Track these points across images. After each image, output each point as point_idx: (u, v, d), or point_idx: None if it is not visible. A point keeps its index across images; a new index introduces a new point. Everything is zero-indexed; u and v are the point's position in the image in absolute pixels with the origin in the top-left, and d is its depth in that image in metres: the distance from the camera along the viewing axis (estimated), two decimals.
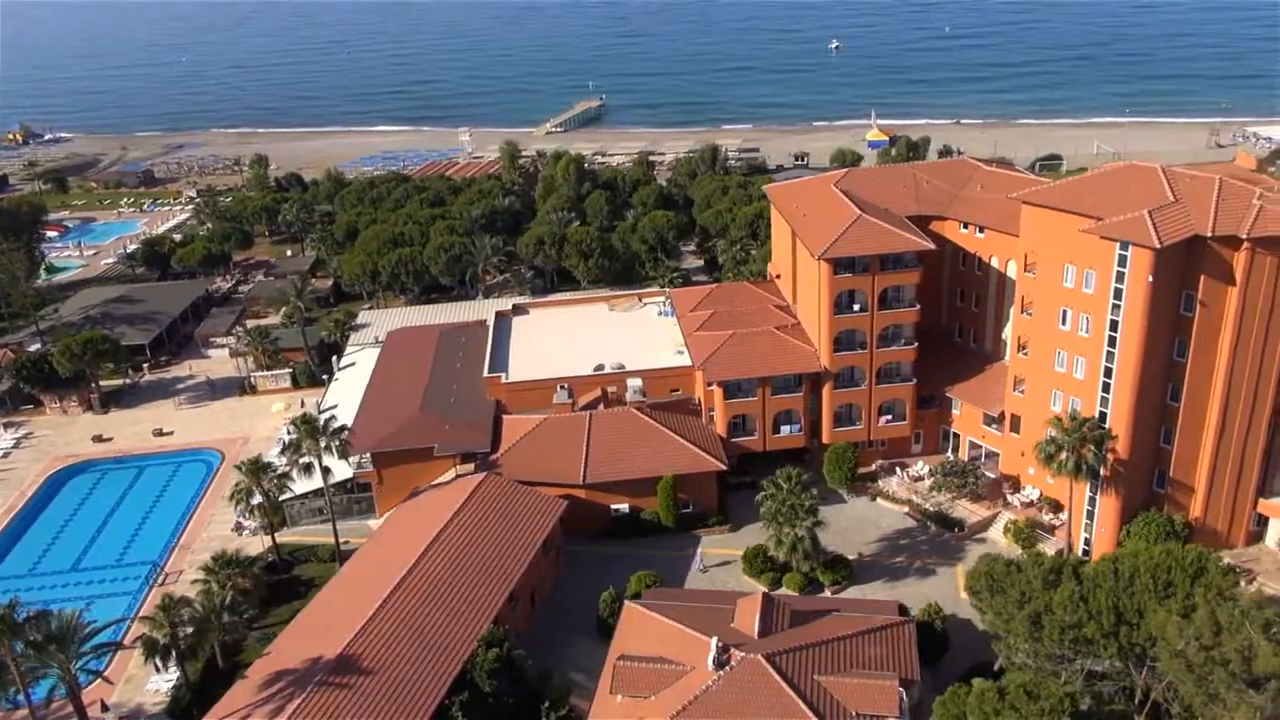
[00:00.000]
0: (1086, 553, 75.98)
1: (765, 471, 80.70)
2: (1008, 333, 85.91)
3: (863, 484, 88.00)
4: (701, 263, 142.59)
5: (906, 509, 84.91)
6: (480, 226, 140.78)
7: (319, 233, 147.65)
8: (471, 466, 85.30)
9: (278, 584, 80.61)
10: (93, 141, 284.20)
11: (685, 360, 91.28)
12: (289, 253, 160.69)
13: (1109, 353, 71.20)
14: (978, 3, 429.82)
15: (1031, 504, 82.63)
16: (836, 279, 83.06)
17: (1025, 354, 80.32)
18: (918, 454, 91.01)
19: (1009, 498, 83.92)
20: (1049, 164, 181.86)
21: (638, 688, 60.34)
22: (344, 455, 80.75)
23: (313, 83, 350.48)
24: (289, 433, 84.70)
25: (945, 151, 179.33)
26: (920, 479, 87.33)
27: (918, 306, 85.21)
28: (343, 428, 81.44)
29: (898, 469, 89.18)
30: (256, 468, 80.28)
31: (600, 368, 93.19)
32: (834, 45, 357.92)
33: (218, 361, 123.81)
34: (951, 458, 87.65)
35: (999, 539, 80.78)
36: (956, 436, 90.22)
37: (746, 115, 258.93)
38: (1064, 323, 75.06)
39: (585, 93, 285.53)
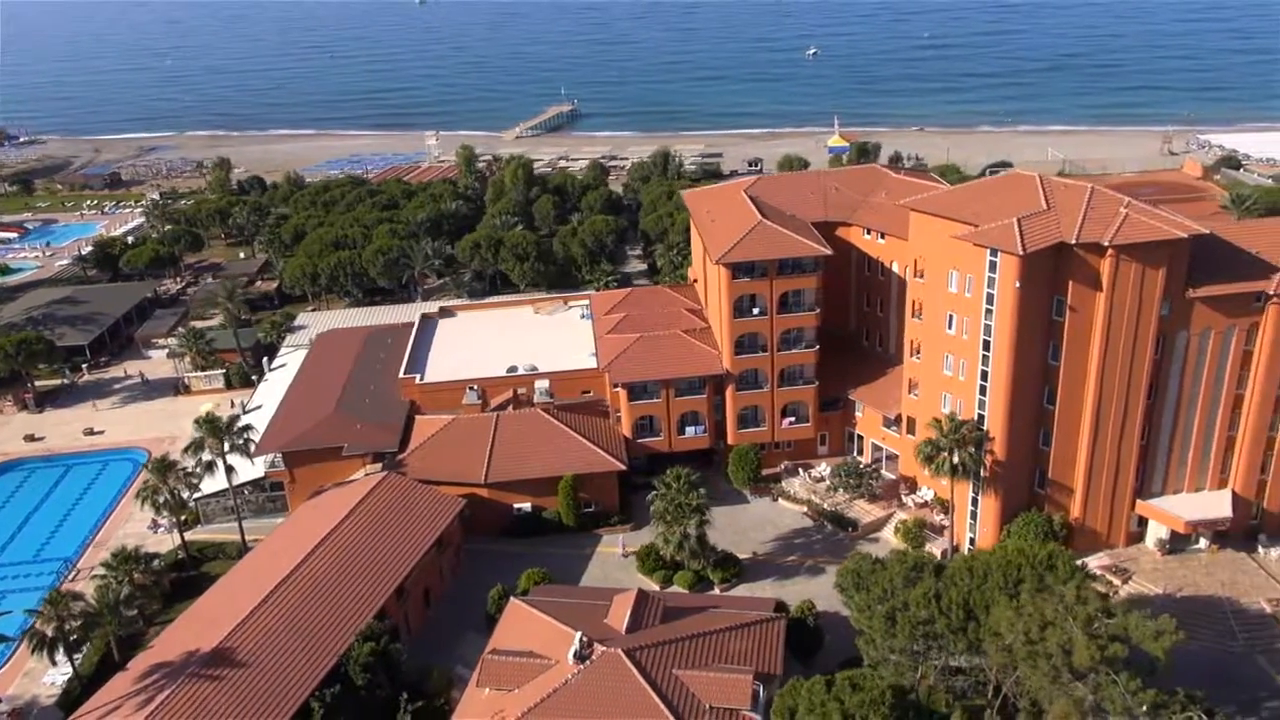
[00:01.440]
0: (971, 552, 77.48)
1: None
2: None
3: (766, 485, 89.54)
4: (645, 267, 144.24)
5: (805, 509, 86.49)
6: (425, 230, 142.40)
7: (267, 235, 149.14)
8: (379, 466, 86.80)
9: (185, 581, 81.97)
10: (67, 144, 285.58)
11: (596, 362, 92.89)
12: (242, 255, 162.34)
13: (984, 356, 72.84)
14: (959, 11, 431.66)
15: (925, 504, 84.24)
16: (735, 283, 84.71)
17: (918, 358, 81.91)
18: (823, 455, 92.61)
19: (904, 498, 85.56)
20: (998, 170, 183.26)
21: (503, 681, 61.91)
22: (247, 454, 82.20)
23: (291, 86, 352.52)
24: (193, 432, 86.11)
25: (895, 158, 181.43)
26: (821, 480, 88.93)
27: (818, 310, 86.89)
28: (246, 427, 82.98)
29: (800, 470, 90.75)
30: (162, 466, 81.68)
31: (513, 369, 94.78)
32: (811, 52, 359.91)
33: (157, 362, 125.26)
34: (849, 459, 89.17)
35: (891, 538, 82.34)
36: (860, 438, 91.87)
37: (716, 121, 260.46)
38: (950, 327, 76.65)
39: (558, 98, 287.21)
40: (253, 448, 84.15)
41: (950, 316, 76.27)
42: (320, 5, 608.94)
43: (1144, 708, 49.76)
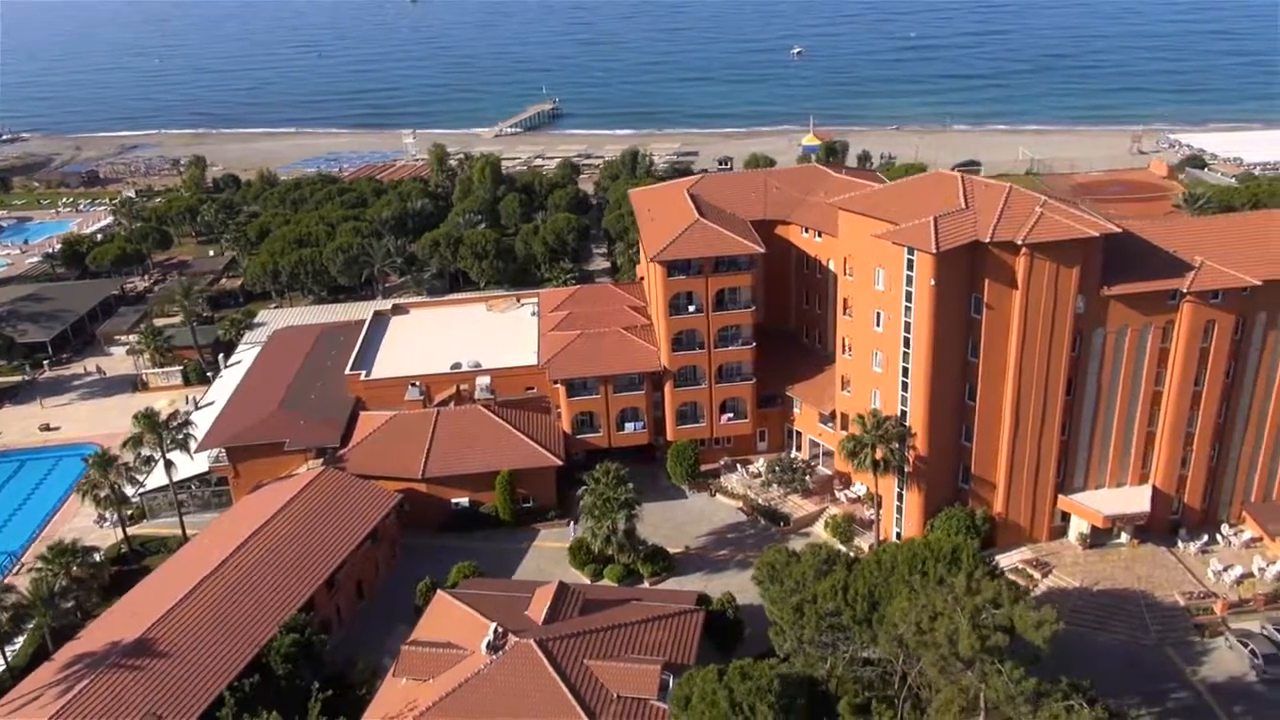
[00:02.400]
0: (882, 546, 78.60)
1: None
2: None
3: (705, 480, 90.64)
4: (609, 265, 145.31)
5: (741, 504, 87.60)
6: (390, 228, 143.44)
7: (232, 233, 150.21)
8: (321, 461, 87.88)
9: (127, 574, 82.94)
10: (49, 142, 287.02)
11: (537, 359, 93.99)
12: (211, 253, 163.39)
13: (905, 353, 73.95)
14: (947, 11, 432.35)
15: (858, 499, 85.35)
16: (671, 281, 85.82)
17: (849, 355, 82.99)
18: (763, 451, 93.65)
19: (838, 493, 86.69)
20: (966, 169, 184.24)
21: (420, 671, 63.05)
22: (187, 449, 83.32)
23: (277, 85, 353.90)
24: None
25: (864, 157, 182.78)
26: (758, 475, 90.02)
27: (754, 308, 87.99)
28: (185, 423, 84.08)
29: (738, 466, 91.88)
30: (103, 462, 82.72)
31: (457, 366, 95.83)
32: (796, 51, 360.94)
33: (118, 359, 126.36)
34: (784, 455, 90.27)
35: (822, 533, 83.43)
36: (799, 434, 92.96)
37: (696, 120, 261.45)
38: (878, 324, 77.69)
39: (539, 96, 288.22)
40: (193, 443, 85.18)
41: (878, 314, 77.30)
42: (311, 5, 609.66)
43: (1025, 696, 50.75)
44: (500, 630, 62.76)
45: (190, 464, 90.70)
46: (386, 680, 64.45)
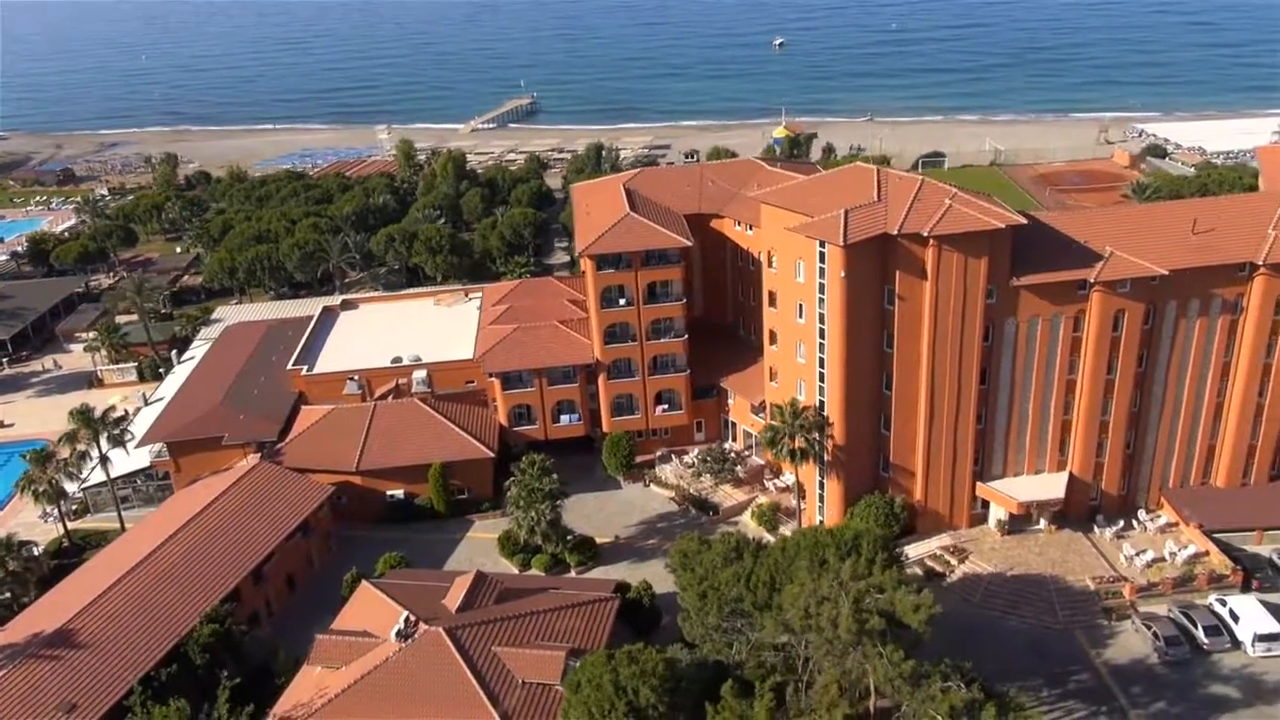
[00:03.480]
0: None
1: (553, 458, 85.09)
2: None
3: (640, 471, 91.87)
4: (568, 259, 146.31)
5: (673, 494, 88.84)
6: (351, 224, 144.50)
7: (195, 230, 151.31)
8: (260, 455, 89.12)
9: (66, 568, 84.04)
10: (29, 140, 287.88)
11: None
12: (178, 250, 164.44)
13: (821, 344, 75.07)
14: (929, 3, 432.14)
15: (786, 488, 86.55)
16: (601, 274, 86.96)
17: (775, 346, 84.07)
18: (700, 442, 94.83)
19: (767, 483, 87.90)
20: (931, 161, 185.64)
21: (333, 659, 64.46)
22: (123, 445, 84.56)
23: (260, 82, 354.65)
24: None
25: (828, 149, 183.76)
26: (692, 466, 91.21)
27: (684, 301, 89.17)
28: (122, 418, 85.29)
29: (673, 456, 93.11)
30: (41, 458, 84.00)
31: (398, 360, 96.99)
32: (777, 43, 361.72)
33: (77, 356, 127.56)
34: (714, 446, 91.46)
35: (749, 521, 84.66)
36: (734, 425, 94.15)
37: (672, 114, 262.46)
38: (800, 316, 78.76)
39: (517, 91, 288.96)
40: (129, 439, 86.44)
41: (800, 306, 78.36)
42: (300, 3, 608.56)
43: (905, 677, 52.01)
44: (411, 618, 64.18)
45: (132, 459, 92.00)
46: (302, 669, 65.77)
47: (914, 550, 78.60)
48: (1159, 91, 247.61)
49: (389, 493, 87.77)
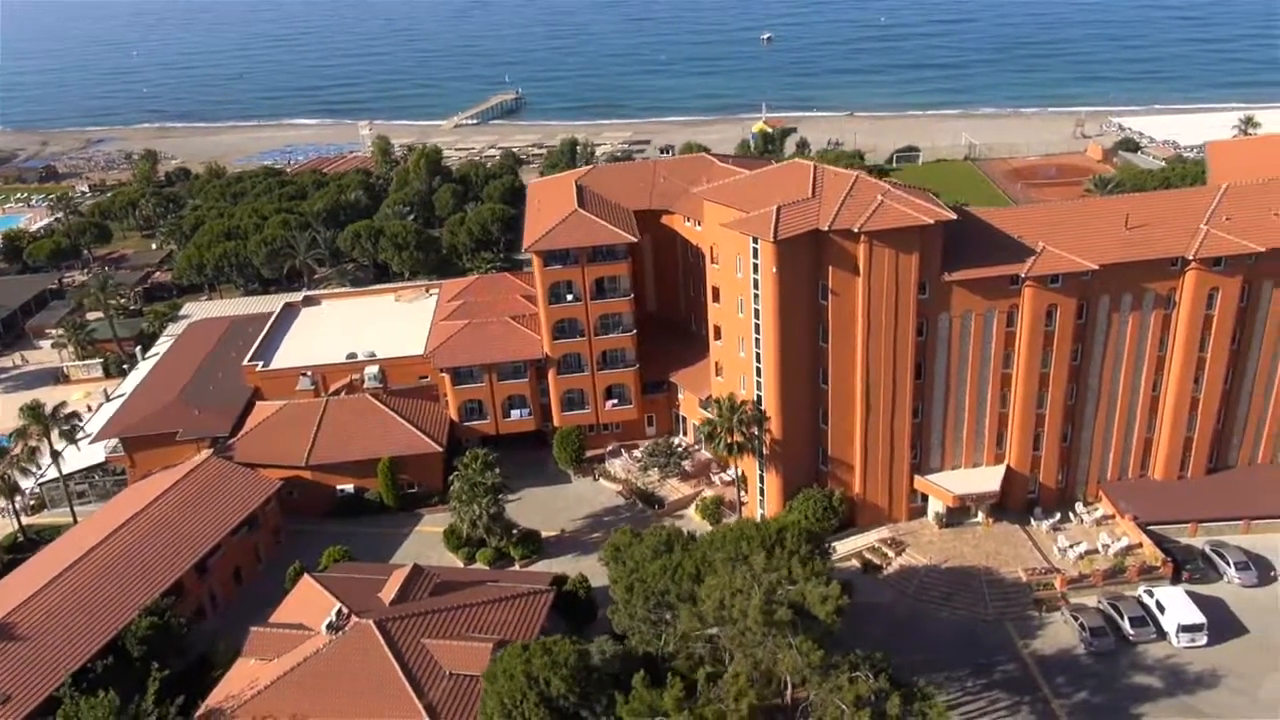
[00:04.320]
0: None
1: (506, 452, 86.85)
2: None
3: (590, 465, 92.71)
4: None
5: (620, 488, 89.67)
6: (322, 220, 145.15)
7: (167, 227, 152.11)
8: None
9: (19, 563, 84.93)
10: (15, 137, 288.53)
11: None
12: (154, 246, 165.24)
13: (757, 340, 75.79)
14: None
15: (733, 482, 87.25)
16: (547, 270, 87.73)
17: (720, 341, 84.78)
18: (652, 436, 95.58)
19: (713, 477, 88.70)
20: (906, 156, 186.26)
21: (266, 652, 65.42)
22: (73, 440, 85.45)
23: (248, 78, 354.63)
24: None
25: (801, 144, 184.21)
26: (640, 460, 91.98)
27: (631, 296, 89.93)
28: (73, 414, 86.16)
29: (623, 451, 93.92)
30: None
31: (353, 356, 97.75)
32: (765, 37, 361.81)
33: (45, 352, 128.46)
34: (659, 440, 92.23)
35: (694, 515, 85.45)
36: (684, 419, 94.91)
37: (657, 109, 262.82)
38: (740, 311, 79.42)
39: (503, 86, 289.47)
40: (80, 434, 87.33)
41: (740, 301, 79.01)
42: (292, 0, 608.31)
43: (814, 668, 52.78)
44: (343, 611, 65.12)
45: (88, 454, 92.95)
46: (238, 661, 66.69)
47: (852, 543, 79.47)
48: (1142, 86, 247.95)
49: (339, 487, 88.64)
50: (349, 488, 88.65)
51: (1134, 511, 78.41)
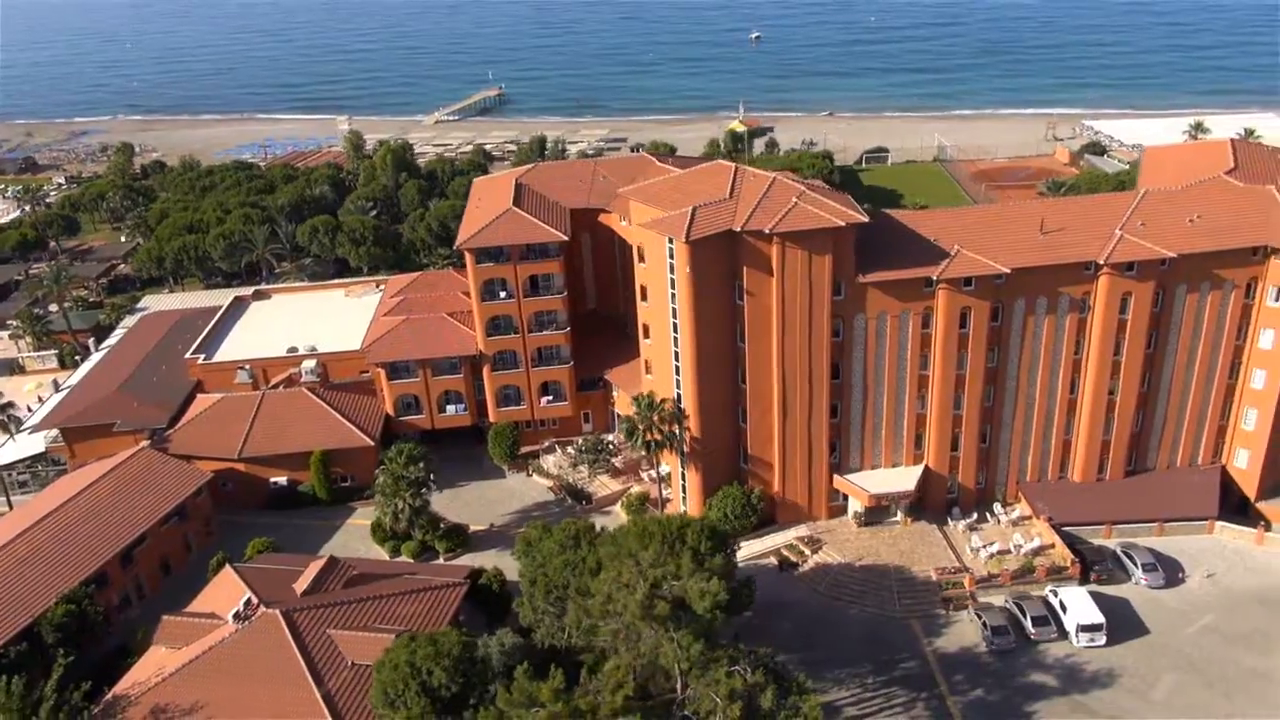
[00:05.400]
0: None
1: (444, 448, 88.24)
2: None
3: (524, 460, 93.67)
4: None
5: (552, 484, 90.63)
6: (286, 214, 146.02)
7: (133, 220, 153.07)
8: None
9: None
10: (1, 128, 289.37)
11: None
12: (123, 239, 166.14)
13: (675, 338, 76.68)
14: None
15: (663, 479, 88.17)
16: (480, 267, 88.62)
17: (649, 340, 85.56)
18: (589, 433, 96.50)
19: (642, 473, 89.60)
20: (875, 157, 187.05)
21: (176, 640, 66.49)
22: (8, 430, 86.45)
23: (238, 71, 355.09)
24: None
25: (770, 144, 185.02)
26: (571, 456, 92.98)
27: (565, 294, 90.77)
28: (7, 405, 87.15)
29: (557, 447, 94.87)
30: None
31: (293, 350, 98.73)
32: (754, 36, 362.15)
33: (5, 342, 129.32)
34: (587, 437, 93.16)
35: (620, 511, 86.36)
36: (619, 416, 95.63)
37: (639, 106, 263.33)
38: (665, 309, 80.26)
39: (487, 82, 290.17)
40: (21, 425, 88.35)
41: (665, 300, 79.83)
42: None
43: (693, 661, 53.70)
44: (251, 601, 66.18)
45: (29, 444, 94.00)
46: (150, 649, 67.72)
47: (771, 540, 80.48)
48: (1122, 91, 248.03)
49: (273, 480, 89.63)
50: (282, 480, 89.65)
51: (1049, 512, 79.31)
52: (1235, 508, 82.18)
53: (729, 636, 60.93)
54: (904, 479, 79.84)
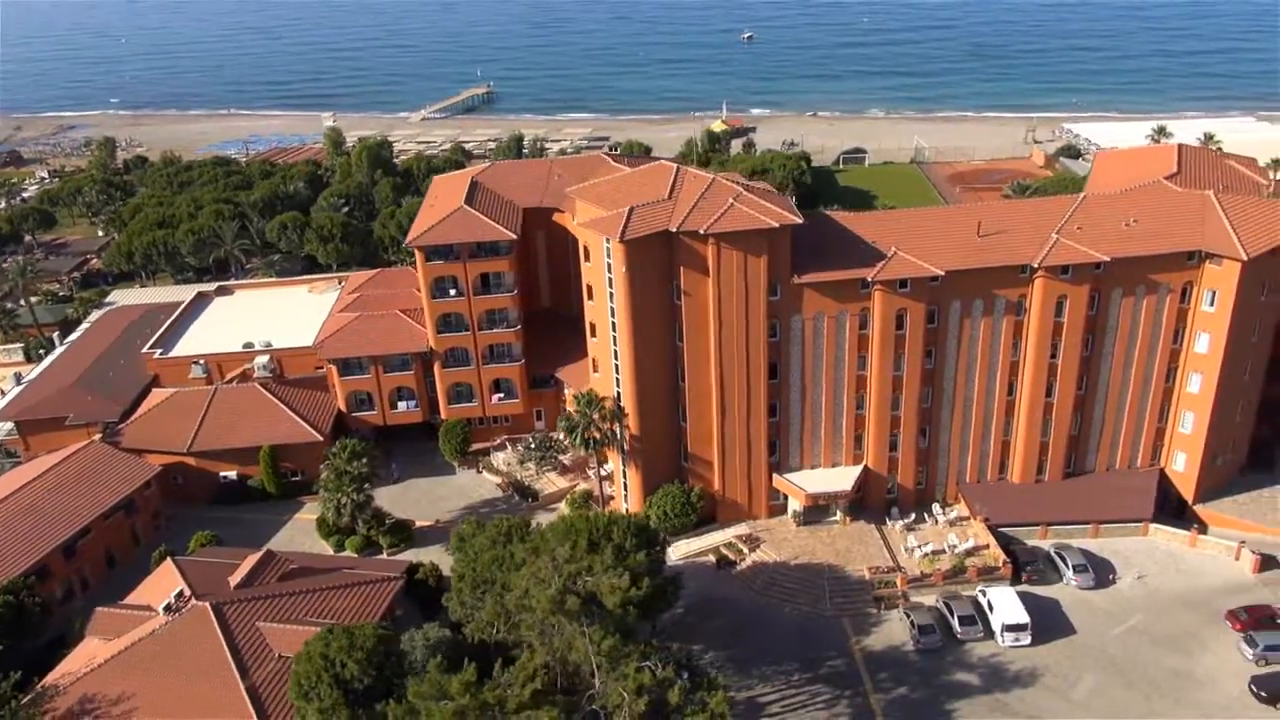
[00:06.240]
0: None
1: (398, 443, 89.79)
2: None
3: (475, 457, 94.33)
4: None
5: (500, 481, 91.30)
6: (259, 211, 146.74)
7: (108, 214, 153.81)
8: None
9: None
10: None
11: None
12: (100, 233, 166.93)
13: (614, 337, 77.30)
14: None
15: (608, 477, 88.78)
16: (430, 265, 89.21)
17: (595, 338, 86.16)
18: (542, 430, 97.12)
19: (589, 470, 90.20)
20: (853, 157, 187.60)
21: (108, 631, 67.15)
22: None
23: (230, 67, 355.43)
24: None
25: (748, 144, 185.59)
26: (520, 453, 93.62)
27: (515, 292, 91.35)
28: None
29: (507, 444, 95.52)
30: None
31: (249, 345, 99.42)
32: (746, 36, 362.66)
33: None
34: (534, 434, 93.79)
35: (566, 509, 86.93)
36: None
37: (627, 105, 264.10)
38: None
39: (474, 80, 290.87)
40: None
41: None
42: None
43: (605, 656, 54.33)
44: (183, 593, 66.94)
45: None
46: (84, 641, 68.46)
47: (711, 539, 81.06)
48: (1107, 94, 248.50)
49: (222, 474, 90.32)
50: (232, 475, 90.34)
51: (987, 513, 79.91)
52: (1174, 510, 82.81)
53: (646, 633, 61.45)
54: (842, 479, 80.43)
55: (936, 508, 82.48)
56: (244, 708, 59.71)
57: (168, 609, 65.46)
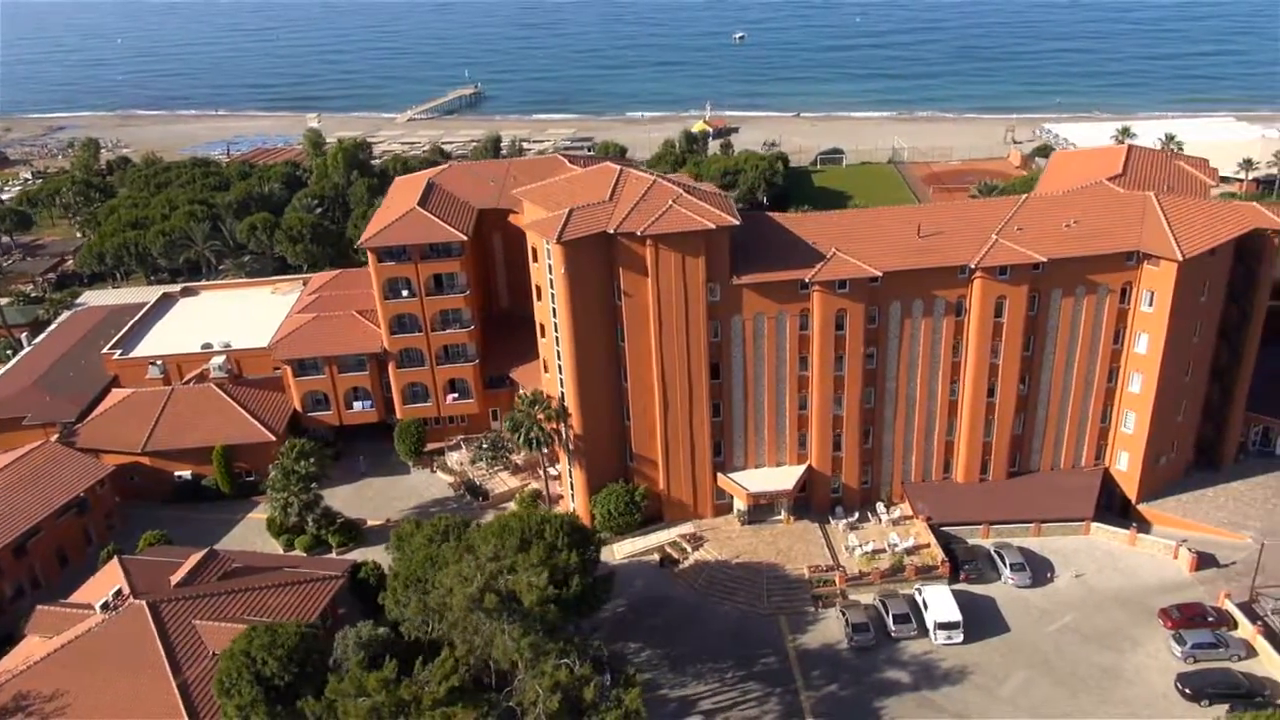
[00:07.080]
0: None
1: (358, 443, 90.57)
2: None
3: (429, 457, 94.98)
4: None
5: (452, 480, 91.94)
6: (234, 212, 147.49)
7: (83, 215, 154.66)
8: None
9: None
10: None
11: None
12: (78, 234, 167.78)
13: (557, 337, 77.91)
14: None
15: (557, 476, 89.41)
16: (382, 266, 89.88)
17: (545, 338, 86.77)
18: (495, 430, 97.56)
19: (540, 470, 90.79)
20: (831, 158, 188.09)
21: (48, 629, 67.79)
22: None
23: (221, 68, 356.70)
24: None
25: (726, 145, 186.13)
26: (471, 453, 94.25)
27: (468, 292, 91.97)
28: None
29: (463, 444, 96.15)
30: None
31: (208, 346, 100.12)
32: (738, 36, 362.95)
33: None
34: (487, 434, 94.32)
35: (515, 508, 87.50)
36: None
37: (615, 105, 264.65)
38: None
39: (462, 81, 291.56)
40: None
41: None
42: None
43: (523, 653, 54.96)
44: (121, 591, 67.58)
45: None
46: (25, 639, 69.16)
47: (656, 538, 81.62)
48: (1092, 95, 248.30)
49: (177, 473, 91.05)
50: (186, 474, 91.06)
51: (929, 512, 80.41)
52: (1119, 509, 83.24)
53: (581, 631, 62.03)
54: (785, 478, 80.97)
55: (881, 507, 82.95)
56: (175, 705, 60.37)
57: (105, 607, 66.04)
